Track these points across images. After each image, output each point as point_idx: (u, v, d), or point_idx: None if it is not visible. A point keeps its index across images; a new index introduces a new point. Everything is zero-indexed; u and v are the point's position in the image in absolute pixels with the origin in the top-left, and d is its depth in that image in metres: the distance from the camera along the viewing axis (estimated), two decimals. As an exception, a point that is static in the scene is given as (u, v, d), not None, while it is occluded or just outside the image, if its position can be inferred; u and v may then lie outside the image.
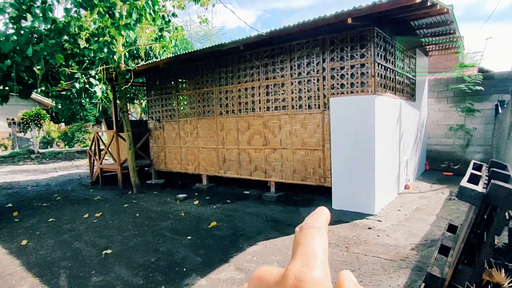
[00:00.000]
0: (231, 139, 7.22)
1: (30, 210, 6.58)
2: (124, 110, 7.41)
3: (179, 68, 8.08)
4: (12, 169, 13.81)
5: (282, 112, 6.34)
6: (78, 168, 13.67)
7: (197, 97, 7.81)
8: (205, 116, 7.68)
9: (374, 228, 4.73)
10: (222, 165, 7.48)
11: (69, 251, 4.32)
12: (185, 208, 6.23)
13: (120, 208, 6.39)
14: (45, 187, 9.29)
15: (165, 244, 4.40)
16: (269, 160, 6.64)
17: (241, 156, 7.08)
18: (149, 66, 7.42)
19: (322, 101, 5.82)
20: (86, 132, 23.71)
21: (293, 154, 6.27)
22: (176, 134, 8.42)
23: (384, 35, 5.63)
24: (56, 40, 5.08)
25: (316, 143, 5.96)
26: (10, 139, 24.18)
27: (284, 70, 6.25)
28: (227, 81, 7.17)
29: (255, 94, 6.73)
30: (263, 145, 6.68)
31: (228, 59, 7.09)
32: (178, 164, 8.49)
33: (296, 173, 6.27)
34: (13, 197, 8.03)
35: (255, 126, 6.78)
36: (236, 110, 7.05)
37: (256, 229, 4.86)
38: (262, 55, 6.53)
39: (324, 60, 5.75)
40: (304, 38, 5.91)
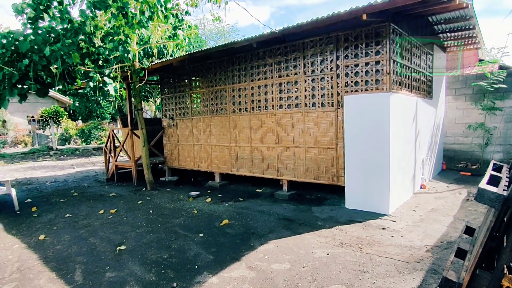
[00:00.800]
0: (243, 137, 7.22)
1: (48, 205, 6.75)
2: (138, 108, 7.50)
3: (193, 66, 8.11)
4: (31, 165, 14.21)
5: (295, 110, 6.29)
6: (94, 164, 13.96)
7: (210, 95, 7.83)
8: (218, 114, 7.69)
9: (388, 228, 4.65)
10: (234, 163, 7.49)
11: (84, 247, 4.41)
12: (198, 205, 6.27)
13: (134, 205, 6.49)
14: (63, 183, 9.51)
15: (178, 241, 4.44)
16: (281, 159, 6.61)
17: (254, 154, 7.07)
18: (163, 64, 7.48)
19: (335, 99, 5.74)
20: (102, 129, 24.18)
21: (306, 152, 6.21)
22: (189, 131, 8.47)
23: (400, 31, 5.49)
24: (72, 39, 5.17)
25: (329, 142, 5.89)
26: (30, 136, 24.89)
27: (297, 67, 6.19)
28: (240, 79, 7.16)
29: (268, 92, 6.70)
30: (276, 143, 6.65)
31: (241, 57, 7.07)
32: (191, 162, 8.55)
33: (309, 172, 6.22)
34: (32, 192, 8.26)
35: (267, 124, 6.75)
36: (249, 108, 7.04)
37: (268, 228, 4.84)
38: (275, 53, 6.48)
39: (338, 57, 5.66)
40: (317, 35, 5.84)
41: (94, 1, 5.09)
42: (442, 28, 7.44)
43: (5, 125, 25.05)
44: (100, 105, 24.68)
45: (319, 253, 3.89)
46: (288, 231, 4.70)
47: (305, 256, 3.80)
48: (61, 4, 5.37)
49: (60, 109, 25.13)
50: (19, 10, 5.30)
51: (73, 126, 24.98)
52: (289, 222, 5.09)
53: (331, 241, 4.23)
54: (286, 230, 4.74)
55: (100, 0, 5.09)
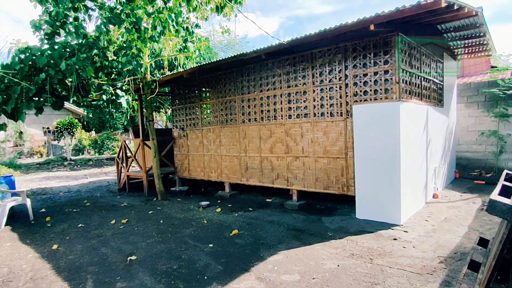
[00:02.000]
0: (253, 147, 7.26)
1: (61, 215, 6.88)
2: (149, 119, 7.63)
3: (203, 78, 8.24)
4: (46, 175, 14.52)
5: (304, 120, 6.31)
6: (107, 174, 14.18)
7: (220, 106, 7.92)
8: (228, 124, 7.77)
9: (399, 239, 4.58)
10: (244, 172, 7.52)
11: (96, 256, 4.47)
12: (208, 215, 6.29)
13: (145, 215, 6.56)
14: (76, 193, 9.69)
15: (188, 252, 4.46)
16: (291, 168, 6.61)
17: (263, 164, 7.09)
18: (174, 76, 7.63)
19: (344, 109, 5.74)
20: (115, 140, 24.59)
21: (315, 162, 6.20)
22: (199, 142, 8.57)
23: (409, 40, 5.50)
24: (87, 54, 5.35)
25: (338, 151, 5.88)
26: (45, 147, 25.48)
27: (306, 78, 6.24)
28: (250, 89, 7.24)
29: (277, 102, 6.74)
30: (285, 153, 6.66)
31: (250, 68, 7.16)
32: (201, 172, 8.61)
33: (319, 182, 6.20)
34: (47, 202, 8.43)
35: (277, 134, 6.78)
36: (259, 118, 7.09)
37: (278, 238, 4.83)
38: (284, 63, 6.55)
39: (347, 67, 5.68)
40: (325, 45, 5.88)
41: (109, 16, 5.26)
42: (451, 36, 7.39)
43: (21, 137, 25.74)
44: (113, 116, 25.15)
45: (329, 264, 3.85)
46: (298, 241, 4.68)
47: (315, 268, 3.77)
48: (77, 19, 5.57)
49: (74, 120, 25.68)
50: (37, 27, 5.51)
51: (87, 137, 25.49)
52: (299, 232, 5.06)
53: (342, 252, 4.19)
54: (296, 240, 4.72)
55: (115, 16, 5.26)
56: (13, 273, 4.05)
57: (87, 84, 6.01)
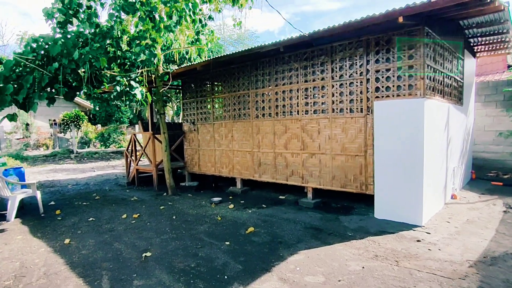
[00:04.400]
0: (267, 142, 7.09)
1: (71, 208, 6.77)
2: (161, 112, 7.49)
3: (215, 71, 8.07)
4: (53, 168, 14.47)
5: (321, 116, 6.13)
6: (114, 168, 14.09)
7: (233, 100, 7.75)
8: (241, 119, 7.60)
9: (423, 240, 4.41)
10: (257, 168, 7.36)
11: (109, 252, 4.34)
12: (221, 212, 6.15)
13: (156, 210, 6.43)
14: (84, 186, 9.59)
15: (204, 249, 4.32)
16: (306, 165, 6.44)
17: (277, 160, 6.93)
18: (187, 69, 7.46)
19: (365, 105, 5.55)
20: (121, 133, 24.51)
21: (333, 159, 6.03)
22: (210, 136, 8.41)
23: (434, 35, 5.29)
24: (100, 43, 5.19)
25: (357, 149, 5.70)
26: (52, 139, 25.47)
27: (325, 72, 6.05)
28: (264, 83, 7.06)
29: (293, 97, 6.56)
30: (301, 149, 6.49)
31: (265, 61, 6.98)
32: (212, 167, 8.47)
33: (336, 180, 6.03)
34: (55, 195, 8.34)
35: (292, 130, 6.61)
36: (273, 113, 6.92)
37: (296, 237, 4.67)
38: (301, 57, 6.36)
39: (368, 61, 5.49)
40: (346, 39, 5.68)
41: (123, 4, 5.10)
42: (473, 33, 7.16)
43: (28, 128, 25.76)
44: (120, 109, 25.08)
45: (353, 265, 3.70)
46: (317, 241, 4.52)
47: (339, 269, 3.62)
48: (90, 8, 5.41)
49: (80, 113, 25.66)
50: (50, 14, 5.36)
51: (93, 130, 25.45)
52: (317, 231, 4.91)
53: (365, 253, 4.03)
54: (315, 240, 4.56)
55: (128, 4, 5.09)
56: (25, 268, 3.94)
57: (99, 75, 5.86)
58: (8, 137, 23.79)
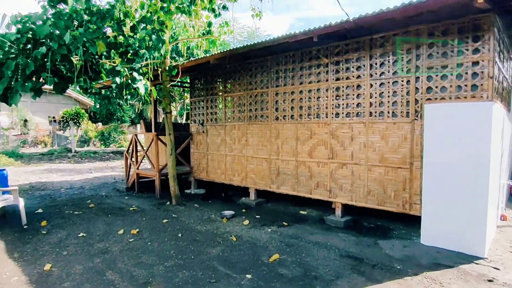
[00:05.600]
0: (287, 149, 6.18)
1: (60, 219, 5.86)
2: (167, 111, 6.59)
3: (229, 67, 7.18)
4: (48, 168, 13.58)
5: (355, 120, 5.22)
6: (113, 169, 13.19)
7: (249, 99, 6.85)
8: (257, 121, 6.70)
9: (495, 280, 3.49)
10: (275, 178, 6.44)
11: (100, 285, 3.43)
12: (235, 229, 5.23)
13: (159, 224, 5.51)
14: (79, 190, 8.69)
15: (220, 285, 3.40)
16: (335, 177, 5.52)
17: (300, 169, 6.01)
18: (198, 62, 6.56)
19: (412, 108, 4.64)
20: (122, 132, 23.63)
21: (368, 171, 5.11)
22: (221, 140, 7.50)
23: (500, 26, 4.38)
24: (98, 24, 4.29)
25: (401, 160, 4.78)
26: (50, 137, 24.62)
27: (361, 69, 5.14)
28: (286, 81, 6.16)
29: (321, 97, 5.66)
30: (329, 158, 5.58)
31: (288, 55, 6.08)
32: (222, 174, 7.55)
33: (371, 195, 5.11)
34: (45, 200, 7.43)
35: (319, 135, 5.70)
36: (296, 115, 6.01)
37: (333, 270, 3.75)
38: (333, 51, 5.46)
39: (419, 56, 4.58)
40: (391, 30, 4.78)
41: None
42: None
43: (26, 125, 24.90)
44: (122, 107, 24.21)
45: (423, 321, 2.77)
46: (361, 276, 3.60)
47: (405, 326, 2.70)
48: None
49: (81, 110, 24.84)
50: (39, -10, 4.48)
51: (93, 128, 24.59)
52: (357, 262, 3.98)
53: (430, 300, 3.11)
54: (358, 274, 3.64)
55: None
56: (-11, 306, 3.03)
57: (96, 65, 4.97)
58: (5, 133, 22.95)
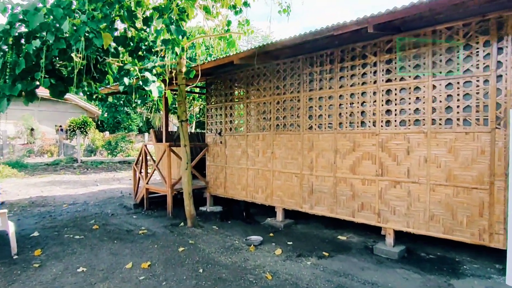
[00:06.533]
0: (324, 163, 5.27)
1: (58, 245, 4.99)
2: (182, 118, 5.74)
3: (252, 69, 6.35)
4: (52, 179, 12.81)
5: (413, 129, 4.31)
6: (120, 182, 12.37)
7: (275, 106, 5.98)
8: (286, 131, 5.81)
9: None
10: (307, 197, 5.52)
11: None
12: (267, 262, 4.30)
13: (174, 254, 4.61)
14: (82, 206, 7.84)
15: None
16: (386, 198, 4.59)
17: (339, 187, 5.09)
18: (219, 63, 5.69)
19: (492, 114, 3.72)
20: (130, 142, 22.90)
21: (431, 192, 4.17)
22: (242, 151, 6.62)
23: None
24: (104, 12, 3.48)
25: (476, 179, 3.84)
26: (57, 146, 24.03)
27: (421, 67, 4.25)
28: (322, 84, 5.28)
29: (366, 102, 4.77)
30: (377, 174, 4.65)
31: (325, 55, 5.22)
32: (242, 191, 6.65)
33: (435, 221, 4.16)
34: (44, 219, 6.59)
35: (364, 147, 4.79)
36: (335, 124, 5.11)
37: (411, 330, 2.80)
38: (383, 47, 4.58)
39: (501, 50, 3.68)
40: (460, 19, 3.90)
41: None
42: None
43: (32, 134, 24.38)
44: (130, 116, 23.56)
45: None
46: None
47: None
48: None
49: (88, 119, 24.27)
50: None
51: (100, 137, 23.93)
52: (439, 316, 3.02)
53: None
54: (448, 338, 2.68)
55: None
56: None
57: (102, 64, 4.15)
58: (11, 142, 22.40)
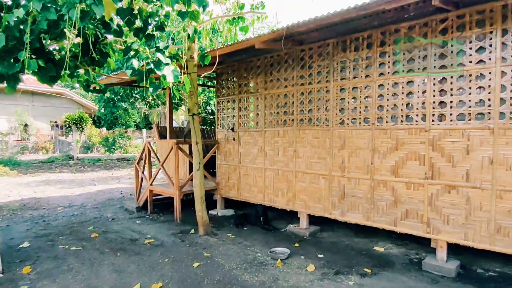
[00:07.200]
0: (358, 163, 4.58)
1: (51, 260, 4.27)
2: (193, 112, 5.02)
3: (271, 56, 5.64)
4: (46, 178, 12.05)
5: (475, 125, 3.63)
6: (119, 181, 11.63)
7: (299, 97, 5.28)
8: (312, 126, 5.11)
9: None
10: (337, 202, 4.84)
11: None
12: (300, 282, 3.62)
13: (189, 271, 3.91)
14: (79, 209, 7.12)
15: None
16: (437, 205, 3.91)
17: (378, 191, 4.41)
18: (237, 47, 4.94)
19: None
20: (128, 138, 22.10)
21: (498, 199, 3.50)
22: (259, 149, 5.92)
23: None
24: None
25: (559, 184, 3.17)
26: (52, 142, 23.21)
27: (486, 50, 3.56)
28: (357, 72, 4.58)
29: (413, 92, 4.08)
30: (426, 178, 3.97)
31: (361, 38, 4.51)
32: (259, 193, 5.95)
33: (502, 234, 3.49)
34: (36, 225, 5.88)
35: (410, 145, 4.11)
36: (372, 118, 4.42)
37: None
38: (434, 28, 3.88)
39: None
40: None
41: None
42: None
43: (26, 130, 23.50)
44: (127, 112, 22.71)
45: None
46: None
47: None
48: None
49: (84, 115, 23.44)
50: None
51: (97, 133, 23.12)
52: None
53: None
54: None
55: None
56: None
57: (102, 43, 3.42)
58: (4, 139, 21.52)
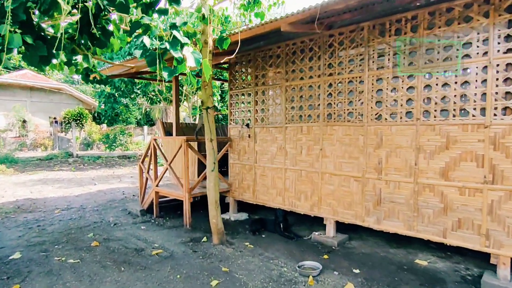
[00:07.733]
0: (398, 164, 3.99)
1: (44, 276, 3.69)
2: (208, 105, 4.42)
3: (293, 43, 5.04)
4: (44, 177, 11.46)
5: (550, 119, 3.04)
6: (120, 180, 11.04)
7: (326, 89, 4.68)
8: (342, 121, 4.52)
9: None
10: (372, 208, 4.25)
11: None
12: (340, 306, 3.05)
13: (205, 290, 3.34)
14: (78, 213, 6.54)
15: None
16: (499, 214, 3.33)
17: (423, 197, 3.82)
18: (259, 31, 4.32)
19: None
20: (129, 135, 21.49)
21: None
22: (278, 148, 5.33)
23: None
24: None
25: None
26: (51, 139, 22.61)
27: None
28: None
29: (470, 81, 3.48)
30: (485, 182, 3.39)
31: (404, 19, 3.91)
32: (278, 196, 5.37)
33: None
34: (30, 231, 5.30)
35: (464, 144, 3.52)
36: (416, 113, 3.83)
37: None
38: (498, 6, 3.28)
39: None
40: None
41: None
42: None
43: (25, 126, 22.88)
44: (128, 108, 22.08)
45: None
46: None
47: None
48: None
49: (84, 111, 22.81)
50: None
51: (97, 130, 22.52)
52: None
53: None
54: None
55: None
56: None
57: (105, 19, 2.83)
58: (1, 135, 20.92)
